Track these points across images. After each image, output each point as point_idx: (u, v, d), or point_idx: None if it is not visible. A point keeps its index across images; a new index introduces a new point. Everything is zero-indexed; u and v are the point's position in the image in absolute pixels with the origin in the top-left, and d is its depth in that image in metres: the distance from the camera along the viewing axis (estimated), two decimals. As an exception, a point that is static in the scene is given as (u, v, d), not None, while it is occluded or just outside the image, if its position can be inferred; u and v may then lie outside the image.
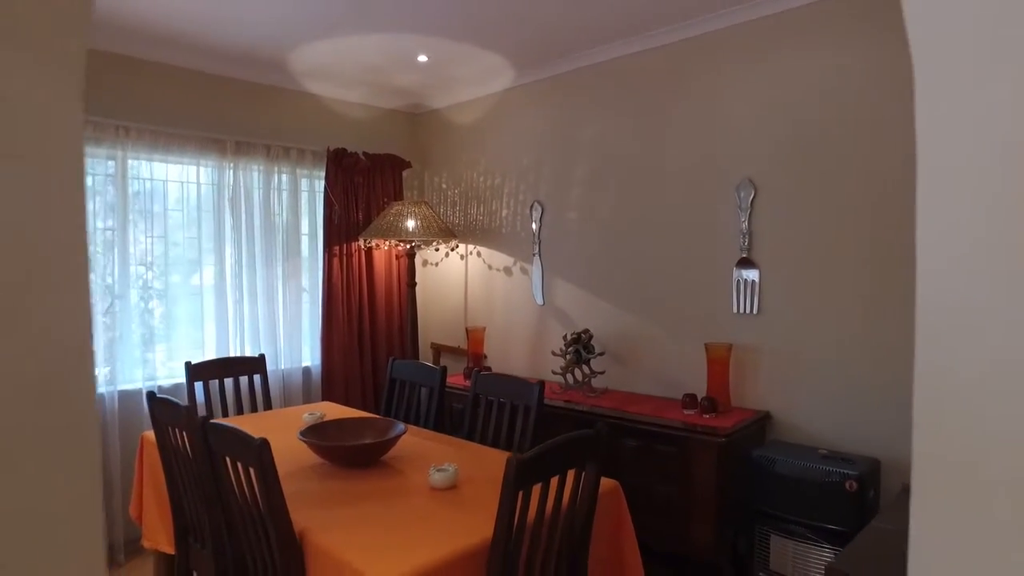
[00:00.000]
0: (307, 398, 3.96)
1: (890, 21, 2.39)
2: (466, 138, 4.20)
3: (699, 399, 2.85)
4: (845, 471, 2.33)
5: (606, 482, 1.98)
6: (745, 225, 2.93)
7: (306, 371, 3.97)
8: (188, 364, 3.07)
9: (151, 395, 2.30)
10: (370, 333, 4.17)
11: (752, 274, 2.92)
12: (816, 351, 2.72)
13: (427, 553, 1.57)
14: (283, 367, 3.83)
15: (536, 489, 1.62)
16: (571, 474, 1.73)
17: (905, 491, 2.26)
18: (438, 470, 2.03)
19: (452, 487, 2.02)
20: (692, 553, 2.64)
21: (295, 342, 3.90)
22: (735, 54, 2.93)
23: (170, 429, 2.18)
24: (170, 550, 2.42)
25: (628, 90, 3.33)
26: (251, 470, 1.75)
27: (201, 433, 1.96)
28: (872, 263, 2.54)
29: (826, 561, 2.31)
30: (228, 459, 1.84)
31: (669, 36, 3.13)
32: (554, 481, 1.67)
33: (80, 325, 0.64)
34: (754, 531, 2.60)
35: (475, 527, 1.70)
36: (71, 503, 0.63)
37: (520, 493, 1.55)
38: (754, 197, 2.91)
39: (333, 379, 3.93)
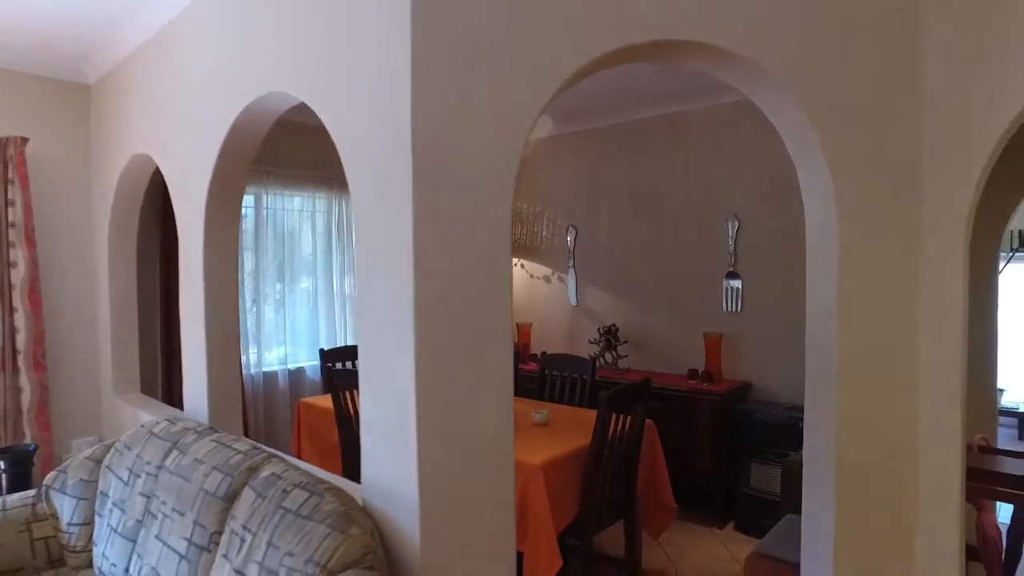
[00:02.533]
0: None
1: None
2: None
3: (699, 372, 3.98)
4: (799, 417, 3.47)
5: (646, 422, 3.09)
6: (731, 247, 4.07)
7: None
8: (322, 351, 4.12)
9: (331, 369, 3.36)
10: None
11: (737, 283, 4.06)
12: (783, 338, 3.85)
13: (549, 453, 2.65)
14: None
15: (612, 417, 2.72)
16: (629, 418, 2.84)
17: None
18: (537, 413, 3.12)
19: (546, 424, 3.11)
20: (697, 480, 3.76)
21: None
22: (723, 123, 4.06)
23: (345, 392, 3.24)
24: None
25: (645, 144, 4.44)
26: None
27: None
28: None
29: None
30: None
31: (677, 107, 4.25)
32: (620, 418, 2.78)
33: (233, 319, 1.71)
34: (739, 462, 3.73)
35: (568, 442, 2.78)
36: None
37: (608, 416, 2.66)
38: (738, 227, 4.04)
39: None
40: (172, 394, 3.81)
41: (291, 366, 4.45)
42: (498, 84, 1.62)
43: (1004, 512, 3.05)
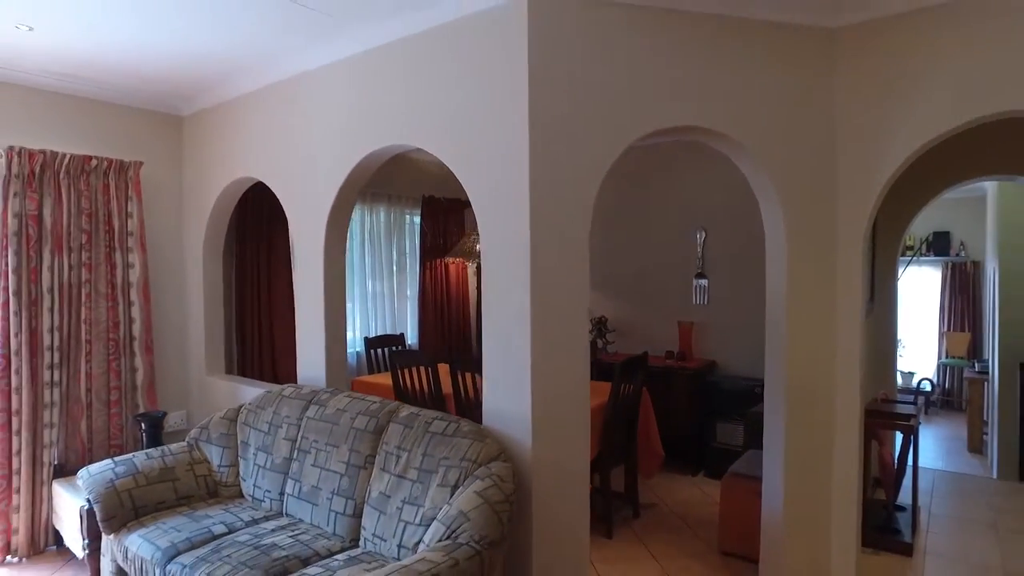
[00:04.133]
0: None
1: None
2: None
3: (675, 353, 4.98)
4: (754, 384, 4.49)
5: (642, 389, 4.04)
6: (700, 253, 5.08)
7: (402, 338, 5.85)
8: (366, 339, 4.92)
9: (394, 352, 4.18)
10: (446, 320, 6.09)
11: (704, 281, 5.07)
12: (740, 325, 4.88)
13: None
14: (396, 344, 5.70)
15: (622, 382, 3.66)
16: (631, 385, 3.79)
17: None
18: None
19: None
20: (675, 437, 4.75)
21: (401, 325, 5.78)
22: (694, 153, 5.07)
23: (407, 369, 4.07)
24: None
25: (632, 169, 5.41)
26: (467, 374, 3.67)
27: (430, 366, 3.88)
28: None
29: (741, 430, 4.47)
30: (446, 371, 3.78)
31: (658, 140, 5.23)
32: (626, 384, 3.72)
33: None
34: (708, 422, 4.74)
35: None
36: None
37: (621, 380, 3.59)
38: (705, 237, 5.07)
39: (424, 348, 5.83)
40: (245, 373, 4.54)
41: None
42: (580, 152, 2.52)
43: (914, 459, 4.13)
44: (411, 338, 5.90)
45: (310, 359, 3.47)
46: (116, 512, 2.88)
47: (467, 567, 2.02)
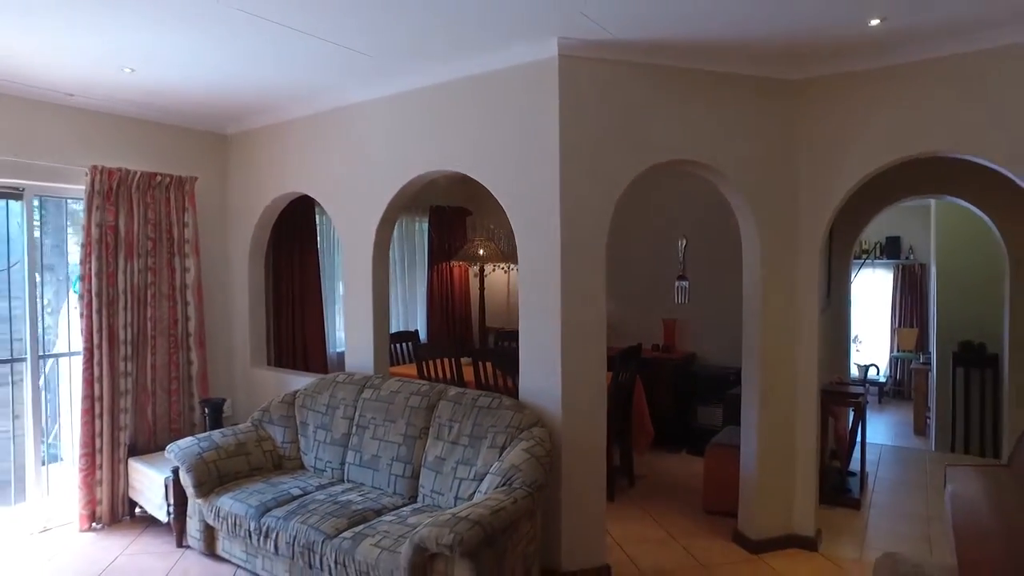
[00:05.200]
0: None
1: (748, 170, 5.26)
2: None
3: (660, 346, 5.66)
4: (729, 372, 5.19)
5: (636, 376, 4.69)
6: (681, 258, 5.76)
7: (416, 335, 6.42)
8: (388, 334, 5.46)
9: (417, 344, 4.76)
10: (451, 317, 6.68)
11: (685, 283, 5.75)
12: (716, 322, 5.58)
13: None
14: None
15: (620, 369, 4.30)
16: (626, 373, 4.43)
17: (755, 379, 5.13)
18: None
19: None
20: (662, 421, 5.42)
21: (412, 322, 6.35)
22: (674, 174, 5.74)
23: (431, 360, 4.65)
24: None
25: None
26: (486, 363, 4.28)
27: (457, 355, 4.48)
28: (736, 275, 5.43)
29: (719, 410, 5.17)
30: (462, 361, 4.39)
31: (642, 157, 5.90)
32: (623, 370, 4.36)
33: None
34: (689, 405, 5.42)
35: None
36: (593, 335, 3.24)
37: (621, 367, 4.23)
38: (686, 244, 5.75)
39: (432, 342, 6.40)
40: (280, 364, 5.06)
41: (356, 347, 5.77)
42: (598, 180, 3.15)
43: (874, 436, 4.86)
44: (421, 334, 6.46)
45: (358, 350, 4.03)
46: (205, 479, 3.41)
47: (523, 504, 2.63)
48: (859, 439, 4.49)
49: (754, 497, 3.58)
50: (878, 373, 7.99)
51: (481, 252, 6.36)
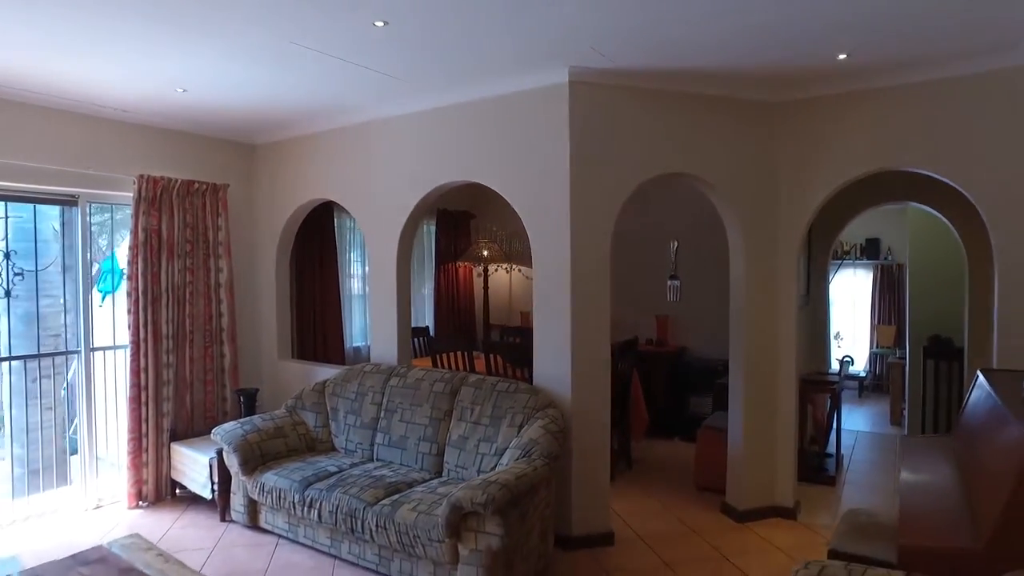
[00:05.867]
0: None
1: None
2: (511, 202, 7.20)
3: (654, 340, 6.09)
4: (717, 363, 5.63)
5: (632, 369, 5.12)
6: (673, 259, 6.20)
7: (426, 330, 6.82)
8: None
9: (431, 339, 5.15)
10: (457, 314, 7.08)
11: (676, 282, 6.20)
12: (705, 318, 6.02)
13: (587, 380, 4.62)
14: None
15: (618, 361, 4.72)
16: (624, 364, 4.86)
17: (741, 370, 5.58)
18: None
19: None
20: (656, 410, 5.85)
21: (420, 317, 6.75)
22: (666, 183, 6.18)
23: (448, 353, 5.05)
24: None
25: (614, 188, 6.49)
26: (496, 355, 4.69)
27: (470, 349, 4.88)
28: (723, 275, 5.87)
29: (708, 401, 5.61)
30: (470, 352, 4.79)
31: (636, 165, 6.34)
32: (621, 362, 4.79)
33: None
34: (681, 396, 5.86)
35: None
36: (599, 327, 3.66)
37: (619, 358, 4.66)
38: (677, 246, 6.19)
39: (440, 334, 6.80)
40: (304, 357, 5.44)
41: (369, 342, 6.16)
42: (603, 190, 3.57)
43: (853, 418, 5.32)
44: (432, 327, 6.86)
45: (383, 342, 4.43)
46: (250, 458, 3.79)
47: (542, 472, 3.05)
48: (835, 424, 4.94)
49: (740, 473, 4.02)
50: (852, 363, 8.45)
51: (485, 253, 6.78)
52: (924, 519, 2.05)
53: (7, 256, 3.95)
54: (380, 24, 2.80)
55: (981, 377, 2.75)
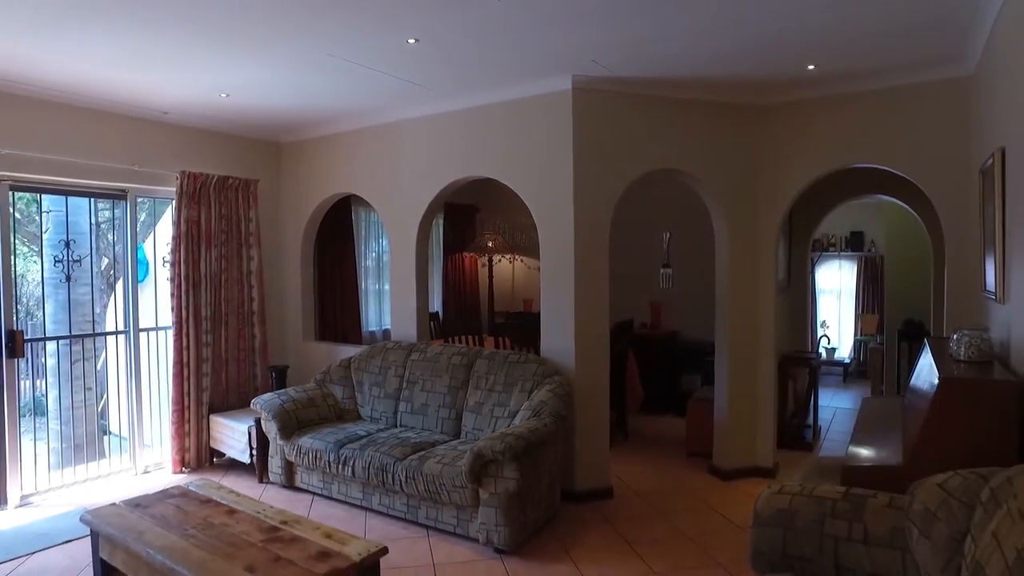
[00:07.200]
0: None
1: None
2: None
3: (648, 324, 6.57)
4: (707, 344, 6.09)
5: (628, 351, 5.58)
6: (666, 248, 6.67)
7: (436, 315, 7.27)
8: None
9: (443, 321, 5.61)
10: (463, 299, 7.54)
11: (669, 271, 6.66)
12: (695, 304, 6.48)
13: (587, 358, 5.09)
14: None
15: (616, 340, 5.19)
16: (620, 345, 5.32)
17: (728, 350, 6.06)
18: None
19: (574, 349, 5.54)
20: (650, 388, 6.33)
21: (430, 305, 7.20)
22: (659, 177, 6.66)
23: (459, 336, 5.51)
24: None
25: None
26: (504, 338, 5.16)
27: (479, 332, 5.34)
28: (712, 264, 6.34)
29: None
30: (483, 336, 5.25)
31: (632, 161, 6.80)
32: (619, 341, 5.25)
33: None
34: (673, 375, 6.34)
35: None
36: (599, 306, 4.13)
37: (617, 339, 5.12)
38: (670, 236, 6.66)
39: (448, 319, 7.25)
40: (326, 338, 5.89)
41: (386, 327, 6.62)
42: (602, 185, 4.03)
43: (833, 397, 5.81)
44: (440, 311, 7.32)
45: (403, 322, 4.90)
46: (288, 424, 4.25)
47: (551, 428, 3.51)
48: (812, 397, 5.43)
49: (725, 437, 4.50)
50: (829, 342, 8.96)
51: (490, 244, 7.24)
52: (866, 447, 2.52)
53: (67, 245, 4.38)
54: (412, 41, 3.25)
55: (927, 344, 3.23)
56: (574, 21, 3.02)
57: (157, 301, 4.99)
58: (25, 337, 4.10)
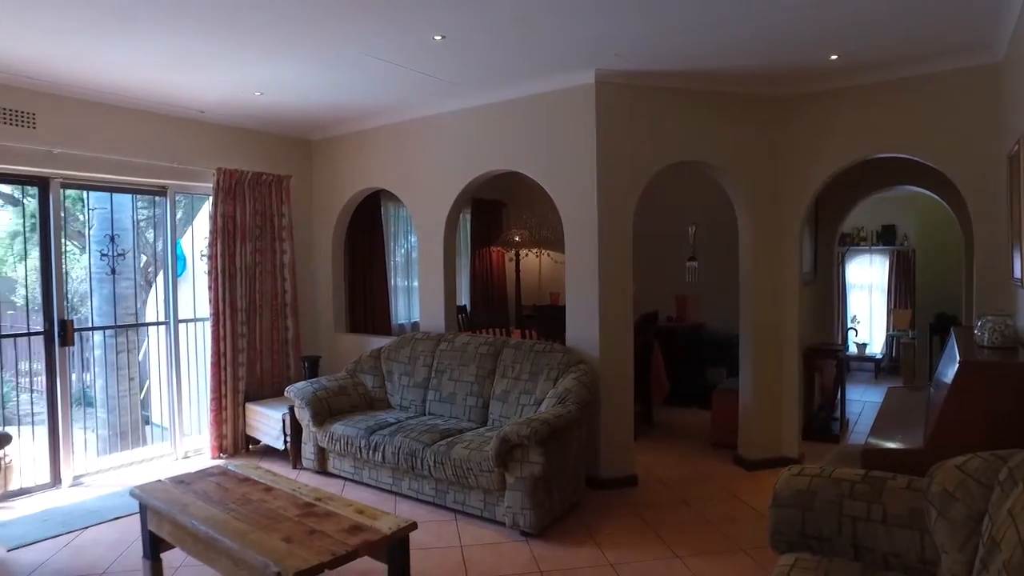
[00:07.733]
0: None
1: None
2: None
3: (674, 317, 6.59)
4: (732, 337, 6.09)
5: (654, 342, 5.62)
6: (691, 242, 6.68)
7: (464, 308, 7.39)
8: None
9: (470, 315, 5.71)
10: (490, 293, 7.64)
11: (694, 264, 6.67)
12: (720, 297, 6.48)
13: (612, 349, 5.14)
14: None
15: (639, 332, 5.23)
16: (645, 336, 5.36)
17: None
18: (594, 335, 5.61)
19: (600, 341, 5.59)
20: (675, 381, 6.35)
21: (458, 298, 7.31)
22: (684, 171, 6.66)
23: (486, 328, 5.60)
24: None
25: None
26: (531, 331, 5.24)
27: (506, 325, 5.43)
28: (737, 257, 6.32)
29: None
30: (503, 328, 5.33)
31: (657, 155, 6.81)
32: (643, 333, 5.29)
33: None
34: (699, 368, 6.35)
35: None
36: (623, 297, 4.18)
37: (641, 330, 5.17)
38: (695, 230, 6.66)
39: (475, 312, 7.36)
40: (356, 330, 6.04)
41: (415, 320, 6.75)
42: (626, 176, 4.09)
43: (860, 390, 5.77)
44: (468, 304, 7.44)
45: (431, 313, 5.01)
46: (320, 411, 4.39)
47: (576, 414, 3.59)
48: (840, 390, 5.40)
49: (750, 428, 4.52)
50: (857, 335, 8.84)
51: (516, 239, 7.32)
52: (887, 433, 2.55)
53: (112, 240, 4.59)
54: (438, 38, 3.34)
55: (952, 333, 3.22)
56: (596, 15, 3.08)
57: (195, 294, 5.18)
58: (74, 327, 4.31)
